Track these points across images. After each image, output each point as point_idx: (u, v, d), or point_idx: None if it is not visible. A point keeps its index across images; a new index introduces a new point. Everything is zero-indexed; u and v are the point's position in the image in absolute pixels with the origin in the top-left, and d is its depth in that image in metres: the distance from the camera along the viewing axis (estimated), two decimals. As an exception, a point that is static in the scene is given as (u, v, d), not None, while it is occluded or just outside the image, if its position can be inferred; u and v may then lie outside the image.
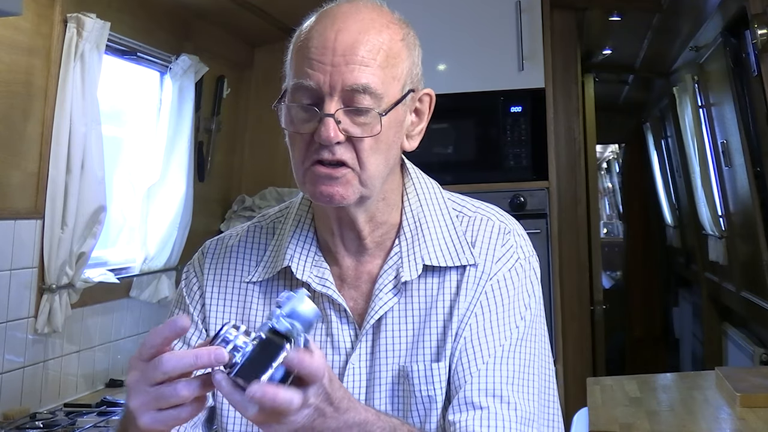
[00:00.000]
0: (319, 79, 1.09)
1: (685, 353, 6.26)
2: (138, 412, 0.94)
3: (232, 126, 3.84)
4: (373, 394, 1.17)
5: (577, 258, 3.74)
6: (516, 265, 1.20)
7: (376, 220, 1.20)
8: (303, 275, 1.19)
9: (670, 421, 2.27)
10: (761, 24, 2.69)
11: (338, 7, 1.14)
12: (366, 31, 1.11)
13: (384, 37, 1.12)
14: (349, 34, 1.10)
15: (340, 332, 1.19)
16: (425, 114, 1.21)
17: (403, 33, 1.15)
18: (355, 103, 1.09)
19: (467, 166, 3.51)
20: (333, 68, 1.08)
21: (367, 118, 1.10)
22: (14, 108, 2.42)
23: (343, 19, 1.11)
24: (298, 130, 1.12)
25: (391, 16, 1.16)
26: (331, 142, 1.09)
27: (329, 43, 1.09)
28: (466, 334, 1.16)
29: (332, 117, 1.08)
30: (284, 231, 1.25)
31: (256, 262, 1.25)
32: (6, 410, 2.41)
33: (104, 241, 2.96)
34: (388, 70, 1.11)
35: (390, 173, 1.18)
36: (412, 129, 1.20)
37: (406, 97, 1.15)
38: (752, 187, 3.41)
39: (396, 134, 1.15)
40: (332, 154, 1.10)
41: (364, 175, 1.12)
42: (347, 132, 1.10)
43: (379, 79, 1.10)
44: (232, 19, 3.48)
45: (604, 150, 8.72)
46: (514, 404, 1.13)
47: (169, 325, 0.95)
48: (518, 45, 3.42)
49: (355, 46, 1.09)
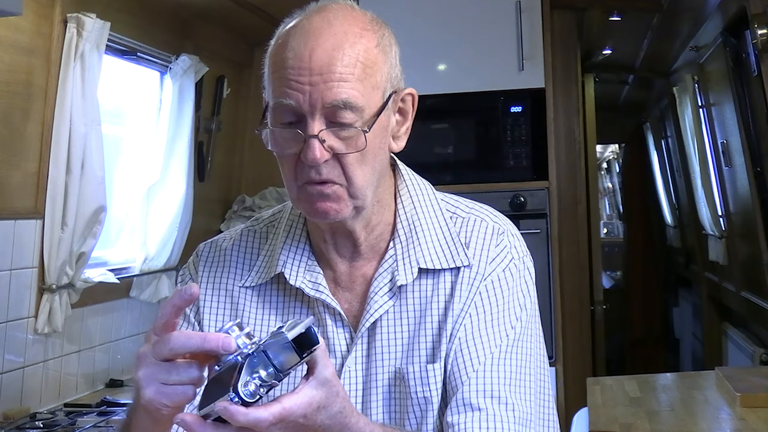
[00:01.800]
0: (299, 98, 1.08)
1: (685, 353, 6.26)
2: (143, 383, 0.96)
3: (232, 126, 3.84)
4: (369, 397, 1.17)
5: (577, 258, 3.74)
6: (510, 265, 1.20)
7: (371, 224, 1.20)
8: (296, 281, 1.19)
9: (670, 421, 2.28)
10: (761, 24, 2.69)
11: (308, 21, 1.12)
12: (340, 46, 1.09)
13: (359, 48, 1.10)
14: (324, 52, 1.08)
15: (335, 335, 1.19)
16: (409, 113, 1.20)
17: (377, 38, 1.13)
18: (338, 119, 1.09)
19: (467, 166, 3.51)
20: (312, 87, 1.08)
21: (350, 132, 1.09)
22: (14, 108, 2.43)
23: (316, 36, 1.09)
24: (284, 152, 1.12)
25: (364, 20, 1.14)
26: (318, 163, 1.08)
27: (304, 63, 1.08)
28: (461, 334, 1.16)
29: (316, 138, 1.08)
30: (277, 236, 1.25)
31: (249, 266, 1.25)
32: (6, 410, 2.41)
33: (104, 241, 2.96)
34: (366, 81, 1.10)
35: (380, 177, 1.18)
36: (397, 130, 1.19)
37: (389, 101, 1.14)
38: (752, 187, 3.41)
39: (382, 140, 1.15)
40: (319, 174, 1.10)
41: (353, 188, 1.12)
42: (333, 149, 1.09)
43: (359, 92, 1.09)
44: (231, 19, 3.48)
45: (604, 150, 8.72)
46: (512, 405, 1.13)
47: (179, 293, 0.97)
48: (518, 45, 3.42)
49: (331, 63, 1.08)
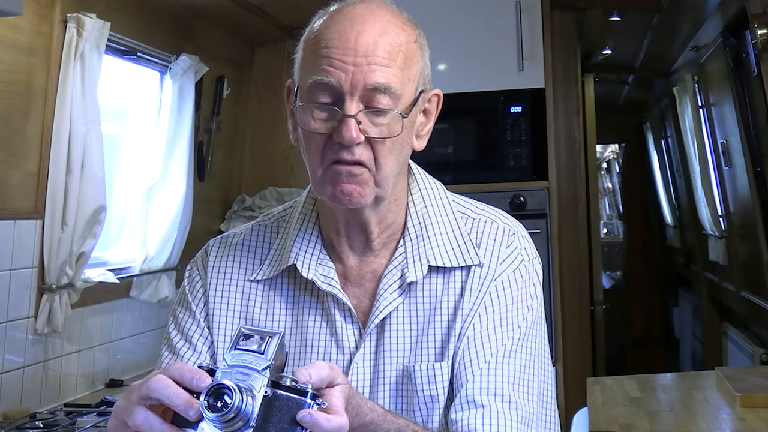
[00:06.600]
0: (341, 77, 1.09)
1: (685, 353, 6.26)
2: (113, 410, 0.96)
3: (232, 126, 3.84)
4: (376, 394, 1.18)
5: (577, 258, 3.74)
6: (520, 266, 1.21)
7: (386, 221, 1.21)
8: (308, 273, 1.20)
9: (670, 421, 2.28)
10: (761, 24, 2.69)
11: (353, 8, 1.14)
12: (385, 32, 1.12)
13: (402, 38, 1.13)
14: (370, 36, 1.10)
15: (344, 331, 1.19)
16: (433, 114, 1.22)
17: (416, 34, 1.17)
18: (375, 104, 1.10)
19: (467, 166, 3.51)
20: (355, 68, 1.09)
21: (386, 119, 1.11)
22: (14, 108, 2.42)
23: (362, 21, 1.12)
24: (317, 130, 1.12)
25: (404, 18, 1.17)
26: (353, 143, 1.09)
27: (350, 43, 1.10)
28: (470, 333, 1.16)
29: (354, 118, 1.09)
30: (289, 229, 1.25)
31: (260, 260, 1.25)
32: (6, 410, 2.41)
33: (104, 241, 2.96)
34: (405, 71, 1.12)
35: (400, 173, 1.19)
36: (421, 129, 1.21)
37: (419, 97, 1.16)
38: (752, 187, 3.41)
39: (409, 135, 1.16)
40: (352, 155, 1.10)
41: (379, 175, 1.13)
42: (366, 133, 1.10)
43: (399, 80, 1.11)
44: (232, 19, 3.47)
45: (604, 150, 8.72)
46: (515, 403, 1.14)
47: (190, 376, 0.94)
48: (518, 45, 3.42)
49: (376, 47, 1.10)
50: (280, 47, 3.84)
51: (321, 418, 0.90)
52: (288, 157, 3.83)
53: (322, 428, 0.90)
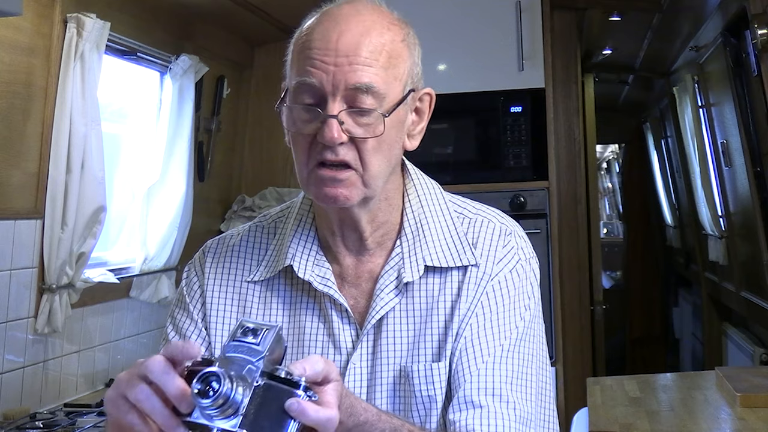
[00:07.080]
0: (322, 77, 1.09)
1: (685, 353, 6.26)
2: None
3: (232, 126, 3.84)
4: (374, 394, 1.17)
5: (577, 258, 3.74)
6: (517, 266, 1.21)
7: (377, 220, 1.20)
8: (305, 274, 1.20)
9: (670, 421, 2.27)
10: (761, 24, 2.69)
11: (339, 9, 1.14)
12: (368, 32, 1.11)
13: (386, 38, 1.12)
14: (352, 36, 1.10)
15: (341, 332, 1.19)
16: (425, 113, 1.22)
17: (404, 33, 1.16)
18: (358, 104, 1.10)
19: (467, 166, 3.51)
20: (336, 68, 1.09)
21: (369, 119, 1.11)
22: (14, 108, 2.42)
23: (346, 21, 1.12)
24: (301, 131, 1.13)
25: (392, 17, 1.17)
26: (335, 143, 1.09)
27: (332, 44, 1.10)
28: (467, 333, 1.16)
29: (335, 118, 1.09)
30: (285, 230, 1.25)
31: (257, 261, 1.25)
32: (6, 410, 2.41)
33: (104, 241, 2.96)
34: (390, 71, 1.12)
35: (392, 173, 1.18)
36: (413, 128, 1.20)
37: (407, 96, 1.15)
38: (752, 187, 3.40)
39: (398, 134, 1.16)
40: (335, 155, 1.10)
41: (367, 175, 1.12)
42: (350, 133, 1.10)
43: (382, 79, 1.11)
44: (232, 19, 3.47)
45: (604, 150, 8.72)
46: (513, 403, 1.14)
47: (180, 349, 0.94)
48: (518, 45, 3.42)
49: (358, 46, 1.10)
50: (280, 47, 3.78)
51: (309, 407, 0.89)
52: (288, 157, 3.82)
53: (309, 417, 0.89)
